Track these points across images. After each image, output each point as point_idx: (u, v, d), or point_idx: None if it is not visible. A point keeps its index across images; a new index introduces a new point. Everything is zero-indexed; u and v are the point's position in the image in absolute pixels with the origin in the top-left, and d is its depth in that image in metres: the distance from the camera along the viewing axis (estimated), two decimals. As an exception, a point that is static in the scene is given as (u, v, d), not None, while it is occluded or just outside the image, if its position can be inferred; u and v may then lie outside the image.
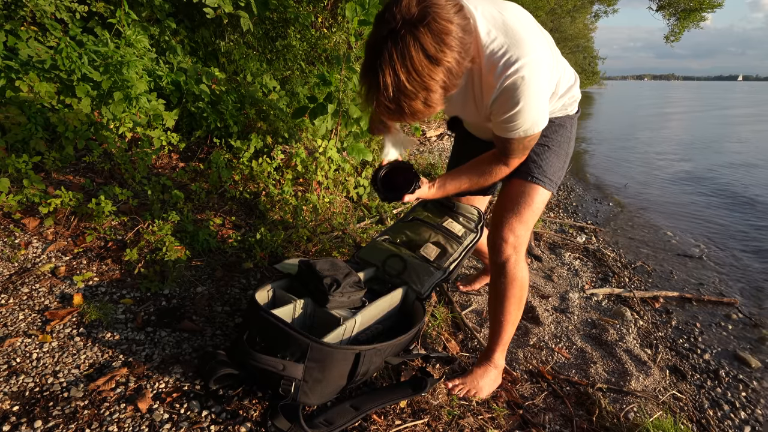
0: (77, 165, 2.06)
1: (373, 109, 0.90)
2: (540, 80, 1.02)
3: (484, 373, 1.40)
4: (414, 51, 0.82)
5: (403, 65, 0.82)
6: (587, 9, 24.68)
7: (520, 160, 1.24)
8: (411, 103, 0.87)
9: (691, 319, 2.31)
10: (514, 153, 1.20)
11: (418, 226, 1.69)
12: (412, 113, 0.89)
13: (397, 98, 0.86)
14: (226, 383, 1.16)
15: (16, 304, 1.34)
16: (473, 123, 1.42)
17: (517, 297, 1.36)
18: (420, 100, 0.87)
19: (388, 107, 0.87)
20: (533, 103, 1.04)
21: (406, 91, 0.85)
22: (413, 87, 0.84)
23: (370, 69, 0.86)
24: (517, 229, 1.32)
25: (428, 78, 0.84)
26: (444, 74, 0.85)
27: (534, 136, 1.14)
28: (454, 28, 0.84)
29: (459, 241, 1.63)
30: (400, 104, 0.87)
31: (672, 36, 17.62)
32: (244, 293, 1.64)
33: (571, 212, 4.10)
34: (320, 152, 2.48)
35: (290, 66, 3.78)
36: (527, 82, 1.00)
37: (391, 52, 0.82)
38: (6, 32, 2.05)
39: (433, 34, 0.82)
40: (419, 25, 0.81)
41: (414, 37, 0.81)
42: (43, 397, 1.07)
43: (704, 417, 1.60)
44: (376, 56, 0.84)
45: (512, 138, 1.13)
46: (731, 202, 4.72)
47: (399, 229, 1.72)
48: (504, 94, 1.02)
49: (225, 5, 2.70)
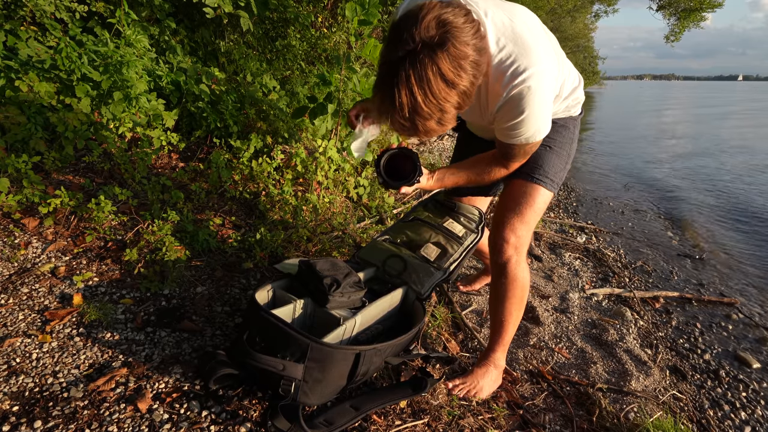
0: (77, 165, 2.06)
1: (388, 124, 0.93)
2: (546, 90, 1.04)
3: (485, 373, 1.40)
4: (432, 75, 0.83)
5: (420, 88, 0.84)
6: (587, 9, 24.69)
7: (520, 163, 1.27)
8: (425, 123, 0.90)
9: (692, 319, 2.31)
10: (514, 157, 1.22)
11: (419, 226, 1.69)
12: (426, 131, 0.92)
13: (413, 118, 0.88)
14: (226, 383, 1.16)
15: (15, 304, 1.34)
16: (476, 124, 1.43)
17: (518, 297, 1.36)
18: (434, 120, 0.90)
19: (403, 125, 0.90)
20: (538, 112, 1.05)
21: (422, 113, 0.87)
22: (429, 109, 0.87)
23: (386, 85, 0.87)
24: (519, 230, 1.32)
25: (444, 101, 0.87)
26: (459, 96, 0.88)
27: (536, 143, 1.16)
28: (471, 52, 0.87)
29: (459, 242, 1.63)
30: (414, 123, 0.89)
31: (672, 36, 17.61)
32: (244, 293, 1.64)
33: (571, 212, 4.10)
34: (320, 152, 2.48)
35: (290, 66, 3.78)
36: (533, 91, 1.01)
37: (408, 74, 0.84)
38: (6, 32, 2.05)
39: (451, 58, 0.84)
40: (438, 50, 0.83)
41: (432, 61, 0.83)
42: (42, 397, 1.07)
43: (704, 417, 1.60)
44: (392, 74, 0.86)
45: (514, 144, 1.15)
46: (731, 202, 4.72)
47: (399, 229, 1.71)
48: (509, 102, 1.04)
49: (225, 5, 2.70)
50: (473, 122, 1.38)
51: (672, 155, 7.64)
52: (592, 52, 34.60)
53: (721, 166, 6.65)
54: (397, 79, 0.85)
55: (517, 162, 1.25)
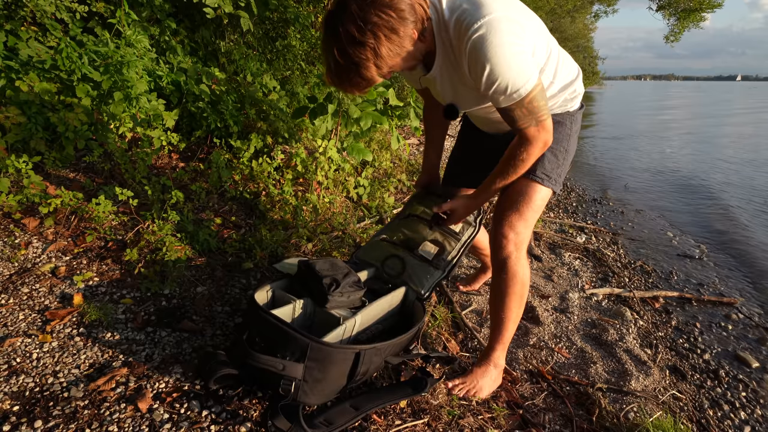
0: (77, 165, 2.06)
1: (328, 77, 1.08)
2: (502, 35, 1.02)
3: (485, 372, 1.40)
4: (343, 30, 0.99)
5: (350, 26, 0.98)
6: (587, 9, 24.66)
7: (538, 129, 1.16)
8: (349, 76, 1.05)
9: (691, 319, 2.31)
10: (522, 121, 1.14)
11: (416, 223, 1.67)
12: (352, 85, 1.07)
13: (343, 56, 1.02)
14: (226, 383, 1.16)
15: (16, 304, 1.34)
16: (475, 112, 1.39)
17: (518, 294, 1.36)
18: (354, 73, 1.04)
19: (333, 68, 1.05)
20: (502, 58, 1.03)
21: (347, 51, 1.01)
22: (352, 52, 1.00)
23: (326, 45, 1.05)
24: (518, 226, 1.32)
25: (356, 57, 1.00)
26: (371, 53, 1.00)
27: (531, 97, 1.09)
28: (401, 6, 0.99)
29: (457, 238, 1.62)
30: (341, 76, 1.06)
31: (672, 36, 17.61)
32: (244, 293, 1.64)
33: (571, 212, 4.10)
34: (320, 152, 2.48)
35: (290, 66, 3.78)
36: (488, 38, 1.01)
37: (339, 16, 1.00)
38: (6, 32, 2.05)
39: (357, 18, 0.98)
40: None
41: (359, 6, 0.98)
42: (43, 397, 1.07)
43: (704, 417, 1.60)
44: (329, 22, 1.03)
45: (510, 106, 1.11)
46: (732, 203, 4.72)
47: (396, 227, 1.70)
48: (471, 56, 1.05)
49: (225, 5, 2.70)
50: (469, 107, 1.32)
51: (672, 155, 7.64)
52: (591, 52, 34.58)
53: (721, 166, 6.65)
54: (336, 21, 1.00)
55: (532, 126, 1.15)
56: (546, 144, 1.20)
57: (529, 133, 1.16)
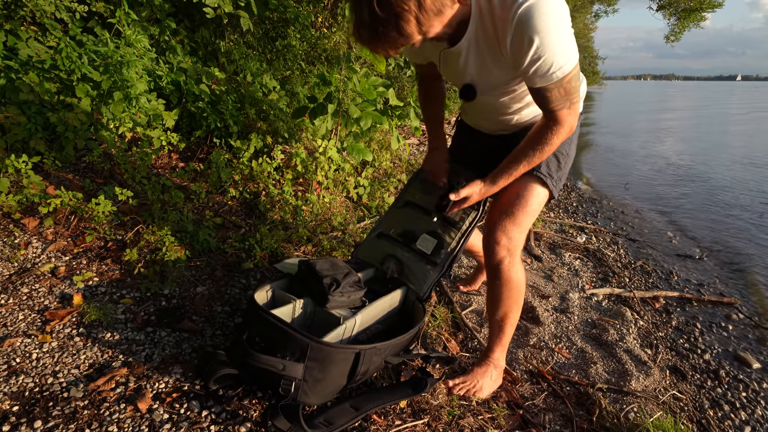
0: (77, 165, 2.06)
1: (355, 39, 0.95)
2: (552, 7, 0.97)
3: (485, 373, 1.40)
4: None
5: None
6: (587, 9, 24.66)
7: (569, 111, 1.11)
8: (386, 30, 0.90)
9: (692, 319, 2.30)
10: (556, 102, 1.09)
11: (412, 212, 1.59)
12: (389, 37, 0.92)
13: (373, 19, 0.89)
14: (226, 383, 1.16)
15: (15, 304, 1.34)
16: (485, 99, 1.29)
17: (513, 299, 1.36)
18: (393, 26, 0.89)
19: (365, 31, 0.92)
20: (553, 31, 0.97)
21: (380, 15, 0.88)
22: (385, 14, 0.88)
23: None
24: (511, 232, 1.31)
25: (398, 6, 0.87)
26: (414, 4, 0.88)
27: (570, 76, 1.05)
28: None
29: (457, 227, 1.52)
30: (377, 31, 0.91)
31: (672, 36, 17.59)
32: (244, 293, 1.64)
33: (571, 212, 4.10)
34: (320, 152, 2.48)
35: (290, 66, 3.78)
36: (540, 8, 0.95)
37: None
38: (6, 32, 2.05)
39: None
40: None
41: None
42: (42, 397, 1.07)
43: (704, 417, 1.60)
44: None
45: (548, 85, 1.05)
46: (732, 203, 4.72)
47: (392, 219, 1.62)
48: (518, 28, 0.97)
49: (225, 5, 2.70)
50: (489, 85, 1.23)
51: (672, 155, 7.64)
52: (592, 52, 34.63)
53: (721, 166, 6.65)
54: None
55: (565, 109, 1.11)
56: (572, 129, 1.16)
57: (561, 115, 1.11)
